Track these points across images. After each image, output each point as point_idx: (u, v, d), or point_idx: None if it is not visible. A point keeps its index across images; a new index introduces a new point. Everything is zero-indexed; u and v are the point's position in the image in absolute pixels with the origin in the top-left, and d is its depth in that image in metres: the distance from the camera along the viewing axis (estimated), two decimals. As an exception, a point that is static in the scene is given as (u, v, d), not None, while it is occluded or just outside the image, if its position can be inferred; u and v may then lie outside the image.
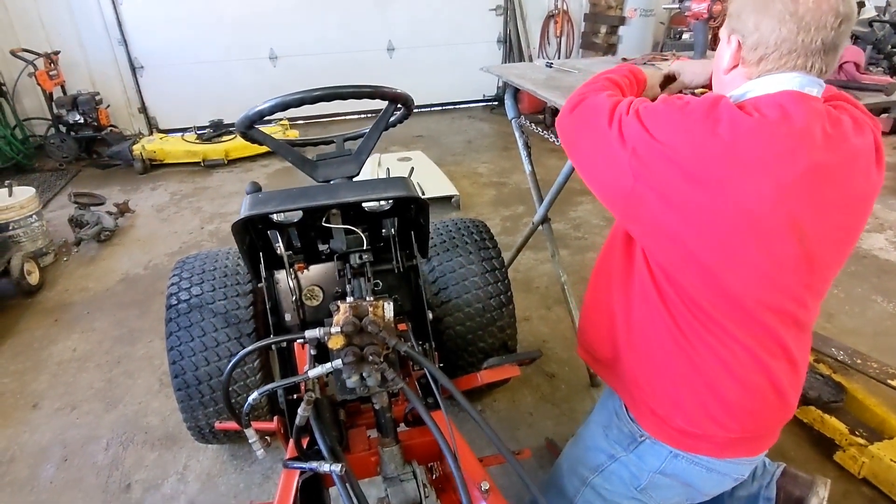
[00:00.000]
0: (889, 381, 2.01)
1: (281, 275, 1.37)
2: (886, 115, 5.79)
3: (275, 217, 1.20)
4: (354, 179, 1.36)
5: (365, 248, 1.24)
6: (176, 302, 1.82)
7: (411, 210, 1.29)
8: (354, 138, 1.52)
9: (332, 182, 1.31)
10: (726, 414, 1.12)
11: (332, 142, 1.46)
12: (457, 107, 7.15)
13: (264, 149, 5.30)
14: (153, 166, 5.23)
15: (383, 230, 1.37)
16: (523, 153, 2.58)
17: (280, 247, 1.29)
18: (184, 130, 5.76)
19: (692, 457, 1.19)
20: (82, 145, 5.45)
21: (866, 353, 2.15)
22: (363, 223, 1.24)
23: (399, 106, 1.35)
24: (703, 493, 1.28)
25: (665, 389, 1.18)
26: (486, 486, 1.23)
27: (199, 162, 5.23)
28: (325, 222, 1.21)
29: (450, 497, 1.44)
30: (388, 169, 1.61)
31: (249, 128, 1.25)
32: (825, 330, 2.59)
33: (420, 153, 4.80)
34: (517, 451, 1.55)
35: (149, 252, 3.67)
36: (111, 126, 5.61)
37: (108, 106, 5.66)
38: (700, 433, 1.16)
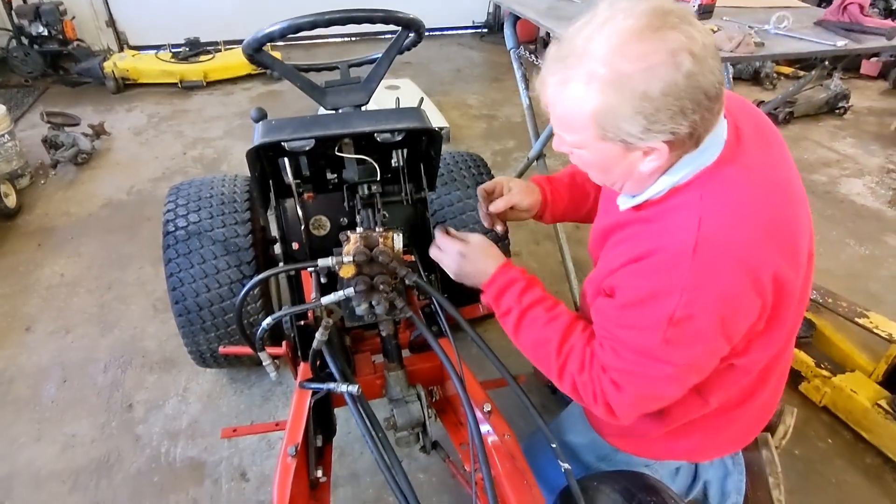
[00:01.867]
0: (857, 320, 2.13)
1: (288, 204, 1.37)
2: (876, 59, 5.80)
3: (286, 145, 1.19)
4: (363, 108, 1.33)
5: (377, 178, 1.24)
6: (173, 229, 1.81)
7: (423, 142, 1.29)
8: (359, 64, 1.48)
9: (341, 111, 1.29)
10: (757, 429, 1.31)
11: (338, 67, 1.42)
12: (444, 33, 6.88)
13: (245, 71, 5.05)
14: (126, 85, 4.98)
15: (392, 162, 1.36)
16: (521, 85, 2.55)
17: (289, 175, 1.28)
18: (157, 48, 5.45)
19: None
20: (48, 60, 5.14)
21: (837, 294, 2.27)
22: (373, 153, 1.23)
23: (410, 32, 1.31)
24: None
25: (703, 442, 1.26)
26: (488, 407, 1.31)
27: (176, 83, 5.00)
28: (338, 152, 1.20)
29: (450, 418, 1.52)
30: (397, 99, 1.58)
31: (257, 51, 1.20)
32: (800, 270, 2.71)
33: (409, 81, 4.65)
34: (514, 377, 1.64)
35: (130, 177, 3.57)
36: (78, 40, 5.28)
37: (74, 17, 5.29)
38: (723, 448, 1.31)
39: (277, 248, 2.19)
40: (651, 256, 0.90)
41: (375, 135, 1.23)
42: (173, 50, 5.27)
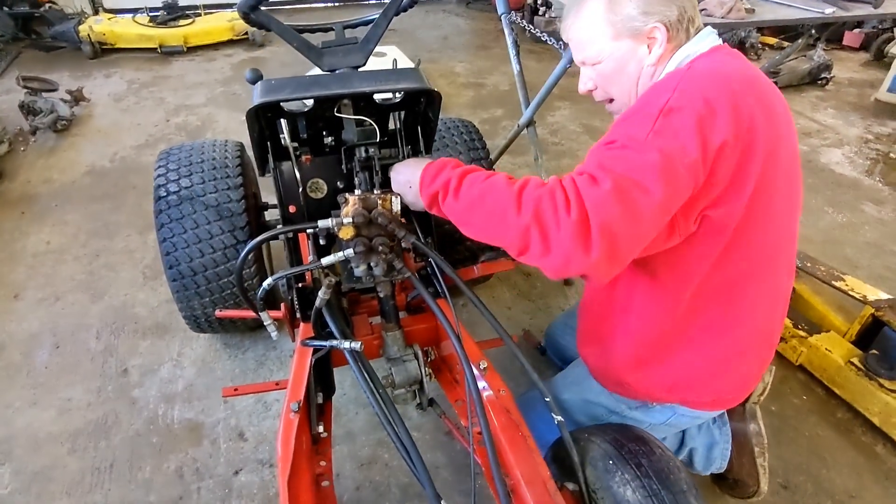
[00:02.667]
0: (833, 283, 2.21)
1: (284, 167, 1.38)
2: (859, 30, 5.84)
3: (285, 106, 1.18)
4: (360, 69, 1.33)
5: (377, 139, 1.25)
6: (165, 194, 1.79)
7: (421, 103, 1.29)
8: (354, 26, 1.47)
9: (338, 71, 1.29)
10: (742, 385, 1.34)
11: (333, 29, 1.41)
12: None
13: (227, 36, 4.95)
14: (104, 50, 4.85)
15: (388, 124, 1.37)
16: (512, 52, 2.54)
17: (286, 136, 1.28)
18: (134, 11, 5.29)
19: (695, 411, 1.37)
20: (19, 23, 4.97)
21: (816, 258, 2.35)
22: (371, 115, 1.24)
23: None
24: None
25: (688, 377, 1.30)
26: (484, 364, 1.35)
27: (156, 48, 4.87)
28: (337, 112, 1.21)
29: (445, 377, 1.57)
30: (394, 60, 1.57)
31: (254, 9, 1.19)
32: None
33: (395, 48, 4.59)
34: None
35: (113, 144, 3.51)
36: (50, 2, 5.11)
37: (45, -22, 5.10)
38: (711, 400, 1.34)
39: (269, 215, 2.19)
40: (647, 92, 1.06)
41: (374, 96, 1.23)
42: (151, 13, 5.11)
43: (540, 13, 5.44)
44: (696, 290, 1.16)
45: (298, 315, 1.44)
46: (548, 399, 1.25)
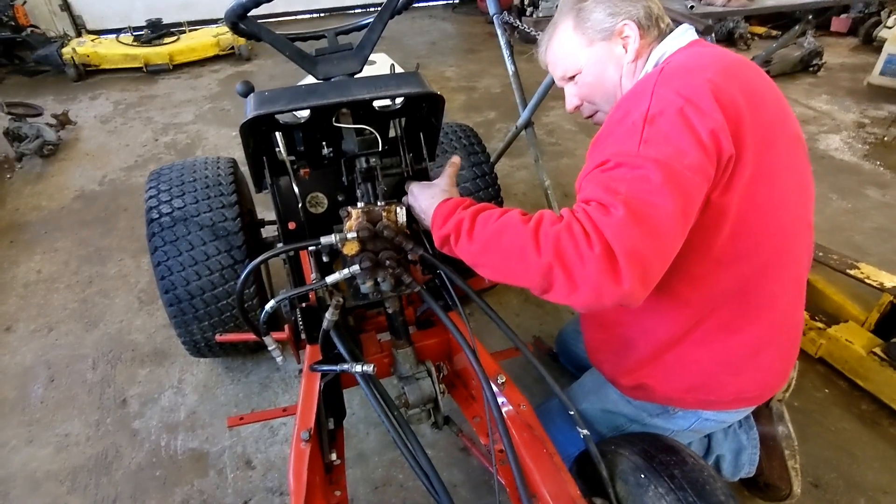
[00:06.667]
0: (848, 271, 2.16)
1: (281, 182, 1.31)
2: (846, 15, 5.84)
3: (281, 118, 1.12)
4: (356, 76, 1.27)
5: (379, 148, 1.18)
6: (157, 216, 1.73)
7: (423, 108, 1.23)
8: (347, 32, 1.41)
9: (334, 79, 1.23)
10: (765, 382, 1.26)
11: (325, 36, 1.35)
12: (416, 5, 6.75)
13: (212, 52, 4.90)
14: (88, 72, 4.78)
15: (390, 131, 1.31)
16: (506, 52, 2.48)
17: (282, 150, 1.22)
18: (118, 31, 5.23)
19: (718, 413, 1.30)
20: (0, 49, 4.89)
21: (827, 247, 2.30)
22: (371, 123, 1.18)
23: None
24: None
25: (707, 376, 1.24)
26: (502, 378, 1.29)
27: (141, 67, 4.80)
28: (336, 121, 1.15)
29: (460, 392, 1.50)
30: (392, 65, 1.51)
31: (242, 17, 1.13)
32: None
33: (384, 55, 4.53)
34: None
35: (101, 167, 3.44)
36: (31, 26, 5.04)
37: (25, 2, 5.03)
38: (733, 399, 1.27)
39: (266, 231, 2.12)
40: (623, 100, 1.04)
41: (374, 103, 1.17)
42: (135, 33, 5.06)
43: (527, 14, 5.41)
44: (706, 285, 1.12)
45: (304, 336, 1.38)
46: (572, 413, 1.19)
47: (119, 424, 1.89)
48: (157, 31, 5.04)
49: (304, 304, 1.39)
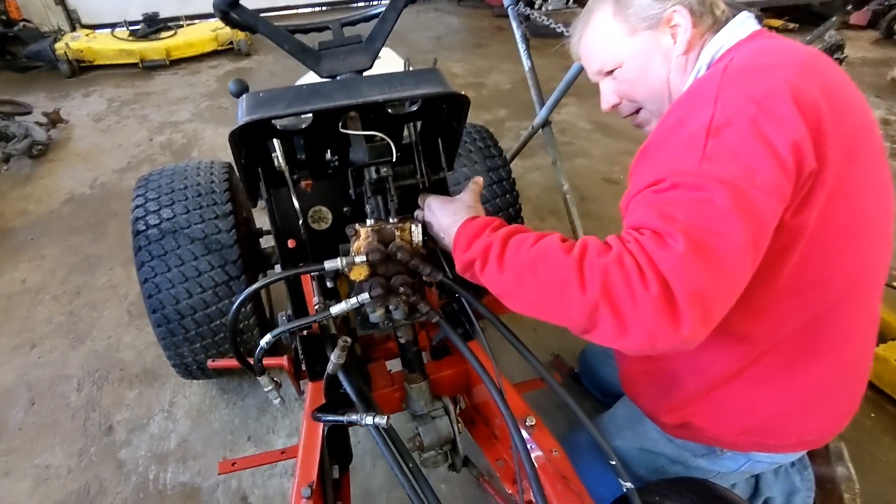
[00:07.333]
0: (892, 283, 1.99)
1: (280, 194, 1.14)
2: (866, 7, 5.64)
3: (279, 123, 0.95)
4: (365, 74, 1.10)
5: (393, 158, 1.02)
6: (144, 227, 1.57)
7: (443, 110, 1.07)
8: (354, 23, 1.24)
9: (340, 78, 1.06)
10: (830, 424, 1.10)
11: (329, 27, 1.18)
12: (420, -1, 6.55)
13: (211, 47, 4.70)
14: (82, 68, 4.61)
15: (403, 137, 1.14)
16: (521, 47, 2.32)
17: (280, 159, 1.05)
18: (113, 26, 5.07)
19: (773, 456, 1.16)
20: (-8, 44, 4.72)
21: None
22: (382, 128, 1.01)
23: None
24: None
25: (764, 418, 1.09)
26: (531, 421, 1.13)
27: (137, 63, 4.64)
28: (342, 127, 0.98)
29: (480, 430, 1.34)
30: (407, 60, 1.34)
31: (233, 5, 0.96)
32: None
33: (389, 51, 4.35)
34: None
35: (93, 168, 3.27)
36: (24, 21, 4.86)
37: (18, -4, 4.86)
38: (794, 443, 1.12)
39: (265, 242, 1.96)
40: (678, 104, 0.88)
41: (387, 106, 1.00)
42: (131, 27, 4.89)
43: (536, 5, 5.22)
44: (769, 318, 0.96)
45: (305, 367, 1.22)
46: (613, 462, 1.02)
47: (104, 454, 1.73)
48: (153, 26, 4.86)
49: (305, 332, 1.23)
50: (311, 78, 1.49)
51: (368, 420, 0.91)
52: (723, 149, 0.75)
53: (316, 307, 1.17)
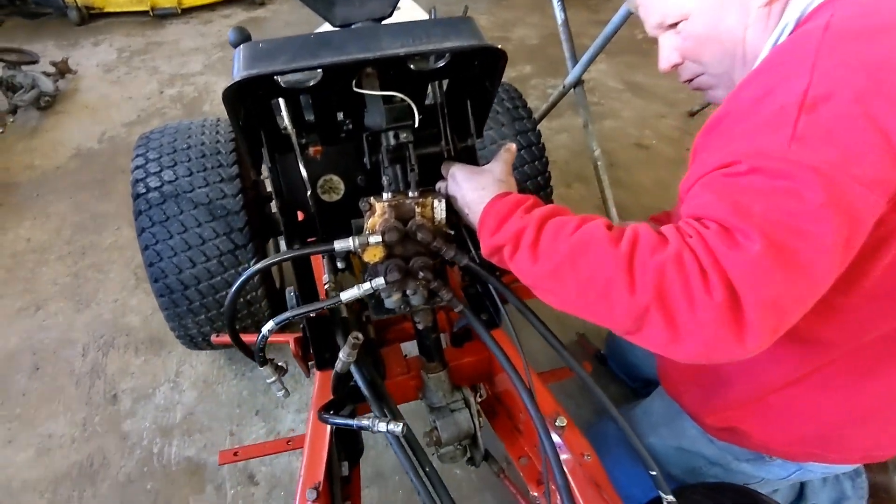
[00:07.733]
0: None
1: (287, 160, 1.01)
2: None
3: (282, 79, 0.81)
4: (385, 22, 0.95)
5: (415, 122, 0.87)
6: (144, 190, 1.45)
7: (474, 67, 0.91)
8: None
9: (355, 27, 0.91)
10: (874, 433, 0.98)
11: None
12: (444, -54, 6.19)
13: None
14: (92, 16, 4.44)
15: (426, 98, 0.99)
16: (556, -3, 2.10)
17: (286, 120, 0.92)
18: (123, -29, 4.83)
19: (829, 466, 1.06)
20: (0, -11, 4.55)
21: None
22: (403, 87, 0.86)
23: None
24: None
25: (826, 427, 0.98)
26: (561, 421, 1.02)
27: (148, 11, 4.44)
28: (357, 86, 0.84)
29: (502, 422, 1.24)
30: (433, 8, 1.17)
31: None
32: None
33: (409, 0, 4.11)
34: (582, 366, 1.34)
35: (101, 121, 3.15)
36: (33, -36, 4.66)
37: (25, -62, 4.65)
38: (859, 457, 1.03)
39: (275, 206, 1.83)
40: (762, 69, 0.73)
41: (409, 61, 0.85)
42: (141, -27, 4.66)
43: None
44: (847, 322, 0.83)
45: (312, 349, 1.12)
46: (654, 473, 0.92)
47: (108, 424, 1.68)
48: (164, -29, 4.65)
49: (313, 314, 1.12)
50: (327, 28, 1.34)
51: (382, 427, 0.80)
52: (819, 128, 0.61)
53: (326, 287, 1.06)
